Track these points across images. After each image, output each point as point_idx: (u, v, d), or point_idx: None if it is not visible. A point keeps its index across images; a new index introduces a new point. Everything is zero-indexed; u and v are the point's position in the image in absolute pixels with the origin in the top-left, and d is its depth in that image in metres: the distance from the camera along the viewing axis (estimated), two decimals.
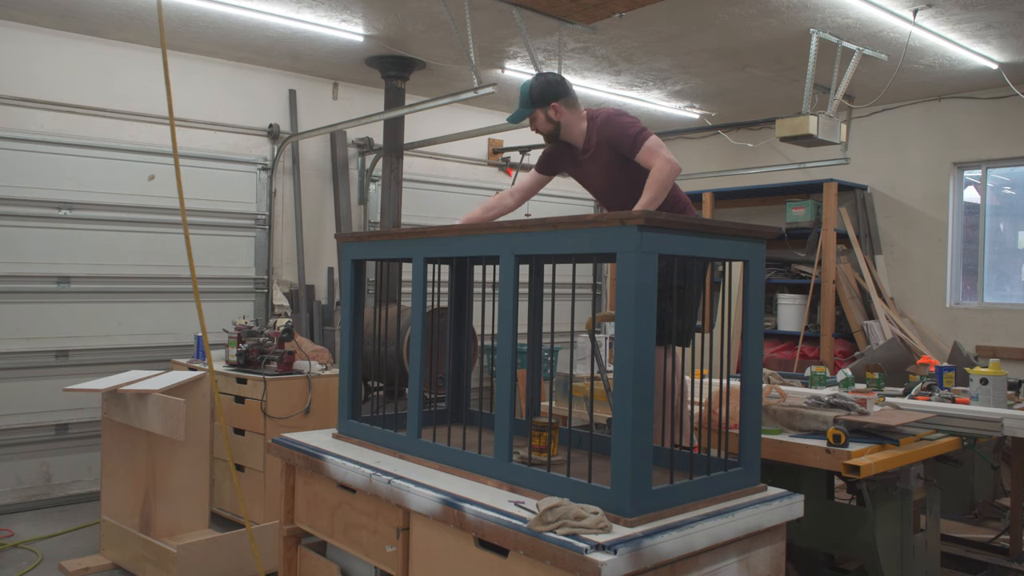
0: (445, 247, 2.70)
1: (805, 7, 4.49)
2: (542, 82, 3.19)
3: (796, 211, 6.73)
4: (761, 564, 2.34)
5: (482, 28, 4.84)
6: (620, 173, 3.19)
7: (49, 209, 5.11)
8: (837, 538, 3.20)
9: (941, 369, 3.93)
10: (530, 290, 3.04)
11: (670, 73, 5.90)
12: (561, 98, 3.19)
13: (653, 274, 2.08)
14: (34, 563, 4.07)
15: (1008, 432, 3.36)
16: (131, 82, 5.39)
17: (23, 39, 5.03)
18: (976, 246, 6.39)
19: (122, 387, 3.90)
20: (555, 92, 3.18)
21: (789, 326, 6.82)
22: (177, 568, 3.59)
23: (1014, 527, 4.13)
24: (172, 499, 3.98)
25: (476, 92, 4.47)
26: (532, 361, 3.10)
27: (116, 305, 5.35)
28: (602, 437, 2.68)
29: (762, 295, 2.44)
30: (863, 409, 3.17)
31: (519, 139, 7.03)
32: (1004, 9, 4.46)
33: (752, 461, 2.43)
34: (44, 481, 5.14)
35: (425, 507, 2.38)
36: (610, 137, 3.14)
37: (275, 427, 4.29)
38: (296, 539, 3.08)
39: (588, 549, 1.91)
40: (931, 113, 6.50)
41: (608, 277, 8.11)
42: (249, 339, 4.72)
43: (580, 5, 4.34)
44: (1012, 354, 5.90)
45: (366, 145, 6.47)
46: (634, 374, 2.05)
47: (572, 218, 2.24)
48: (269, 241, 6.00)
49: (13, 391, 5.00)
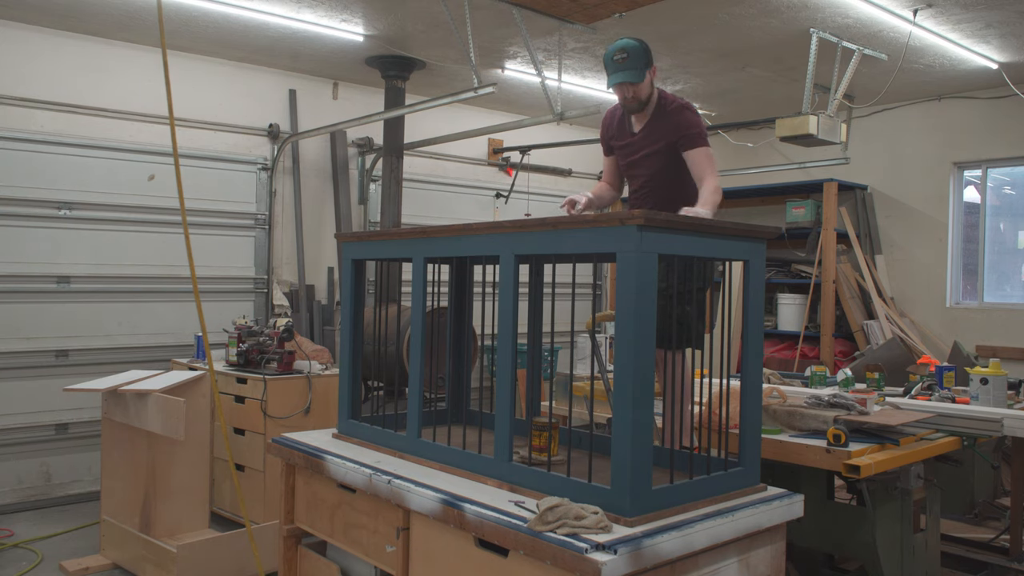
0: (445, 247, 2.70)
1: (805, 7, 4.49)
2: (644, 44, 3.17)
3: (796, 211, 6.73)
4: (761, 564, 2.34)
5: (482, 28, 4.84)
6: (665, 164, 3.24)
7: (49, 209, 5.11)
8: (837, 538, 3.20)
9: (941, 369, 3.93)
10: (530, 290, 3.04)
11: (670, 73, 5.90)
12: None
13: (653, 274, 2.08)
14: (34, 563, 4.07)
15: (1008, 432, 3.36)
16: (131, 82, 5.39)
17: (23, 39, 5.03)
18: (976, 246, 6.39)
19: (122, 387, 3.89)
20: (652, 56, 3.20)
21: (789, 326, 6.82)
22: (177, 568, 3.59)
23: (1014, 527, 4.12)
24: (172, 499, 3.98)
25: (476, 92, 4.47)
26: (532, 361, 3.10)
27: (116, 305, 5.36)
28: (602, 437, 2.68)
29: (762, 295, 2.44)
30: (863, 409, 3.17)
31: (519, 139, 7.03)
32: (1004, 9, 4.46)
33: (752, 461, 2.43)
34: (44, 481, 5.14)
35: (425, 507, 2.38)
36: (678, 122, 3.18)
37: (275, 427, 4.29)
38: (296, 539, 3.08)
39: (588, 549, 1.91)
40: (931, 113, 6.50)
41: (608, 277, 8.11)
42: (249, 339, 4.72)
43: (580, 5, 4.34)
44: (1012, 354, 5.90)
45: (366, 145, 6.47)
46: (634, 374, 2.05)
47: (572, 218, 2.24)
48: (269, 241, 6.01)
49: (13, 391, 5.00)
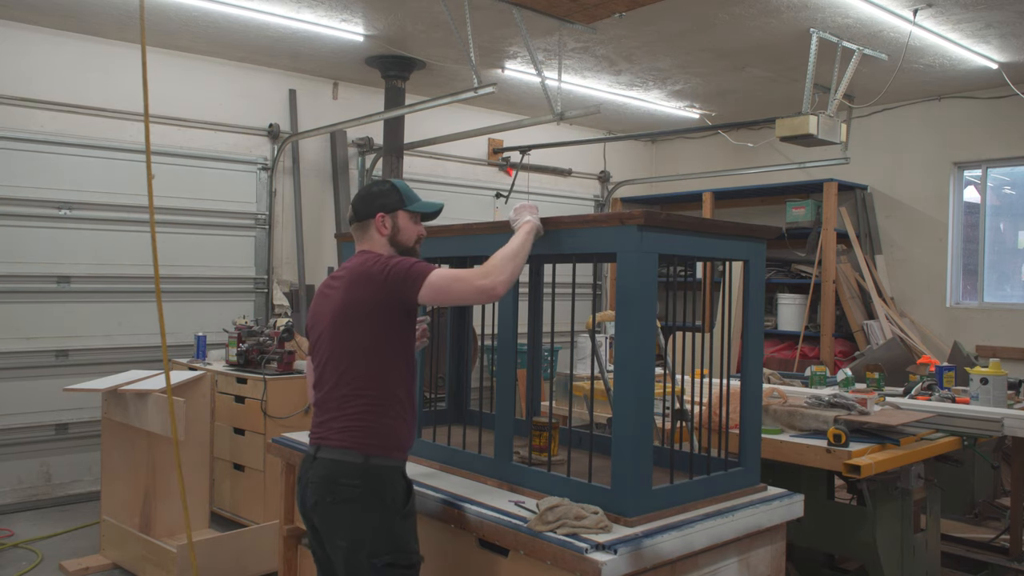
0: (445, 247, 2.70)
1: (805, 7, 4.49)
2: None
3: (796, 211, 6.73)
4: (761, 564, 2.34)
5: (482, 28, 4.84)
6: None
7: (49, 209, 5.11)
8: (837, 538, 3.20)
9: (941, 369, 3.93)
10: (530, 290, 3.03)
11: (670, 73, 5.90)
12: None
13: (653, 274, 2.07)
14: (34, 563, 4.07)
15: (1008, 432, 3.36)
16: (131, 82, 5.38)
17: (23, 39, 5.03)
18: (976, 246, 6.39)
19: (122, 387, 3.89)
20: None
21: (789, 326, 6.82)
22: (177, 568, 3.59)
23: (1014, 527, 4.12)
24: (172, 499, 3.97)
25: (476, 92, 4.47)
26: (532, 361, 3.10)
27: (116, 305, 5.35)
28: (602, 437, 2.68)
29: (762, 295, 2.44)
30: (863, 409, 3.17)
31: (519, 139, 7.03)
32: (1004, 9, 4.45)
33: (752, 461, 2.42)
34: (44, 481, 5.14)
35: (425, 507, 2.38)
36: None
37: (275, 427, 4.29)
38: (296, 539, 3.08)
39: (588, 549, 1.91)
40: (931, 113, 6.49)
41: (608, 277, 8.11)
42: (249, 339, 4.72)
43: (580, 5, 4.34)
44: (1012, 354, 5.90)
45: (366, 145, 6.47)
46: (634, 374, 2.04)
47: (572, 218, 2.24)
48: (269, 241, 6.00)
49: (13, 391, 5.00)
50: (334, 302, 2.25)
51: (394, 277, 2.17)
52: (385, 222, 2.33)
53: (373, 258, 2.24)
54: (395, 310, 2.19)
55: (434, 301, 2.20)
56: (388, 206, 2.34)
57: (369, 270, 2.20)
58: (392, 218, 2.34)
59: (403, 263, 2.19)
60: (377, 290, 2.17)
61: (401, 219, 2.35)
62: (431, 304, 2.30)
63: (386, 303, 2.18)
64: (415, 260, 2.24)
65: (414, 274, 2.16)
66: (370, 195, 2.37)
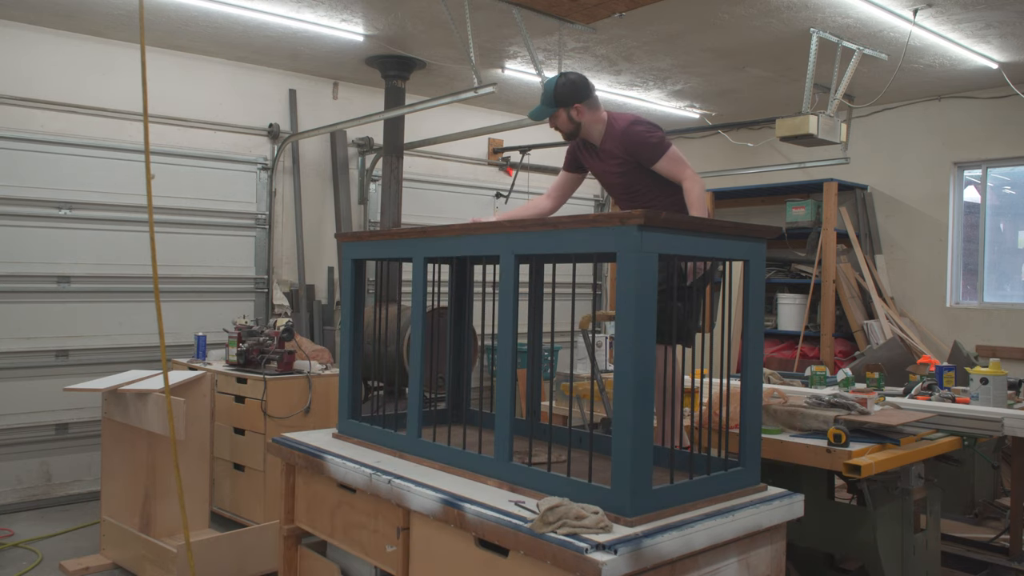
0: (445, 247, 2.70)
1: (805, 7, 4.49)
2: (567, 82, 3.19)
3: (796, 211, 6.73)
4: (761, 564, 2.33)
5: (482, 28, 4.84)
6: (636, 178, 3.23)
7: (49, 209, 5.11)
8: (837, 538, 3.20)
9: (941, 369, 3.93)
10: (530, 290, 3.03)
11: (670, 73, 5.90)
12: (584, 100, 3.19)
13: (653, 273, 2.07)
14: (34, 563, 4.07)
15: (1008, 432, 3.36)
16: (131, 82, 5.38)
17: (23, 39, 5.03)
18: (976, 246, 6.39)
19: (122, 387, 3.89)
20: (579, 94, 3.19)
21: (789, 326, 6.82)
22: (177, 568, 3.59)
23: (1014, 527, 4.12)
24: (172, 499, 3.97)
25: (476, 92, 4.47)
26: (532, 361, 3.10)
27: (116, 305, 5.35)
28: (602, 437, 2.68)
29: (762, 295, 2.44)
30: (864, 409, 3.17)
31: (519, 139, 7.03)
32: (1004, 9, 4.45)
33: (752, 461, 2.42)
34: (44, 481, 5.14)
35: (425, 507, 2.38)
36: (627, 143, 3.17)
37: (275, 427, 4.29)
38: (296, 539, 3.08)
39: (588, 549, 1.91)
40: (931, 113, 6.49)
41: (608, 277, 8.11)
42: (249, 339, 4.72)
43: (580, 5, 4.34)
44: (1012, 354, 5.90)
45: (366, 145, 6.47)
46: (635, 374, 2.04)
47: (572, 218, 2.24)
48: (269, 241, 6.00)
49: (13, 391, 5.00)
50: None
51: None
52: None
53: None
54: None
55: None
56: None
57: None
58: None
59: None
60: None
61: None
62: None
63: None
64: None
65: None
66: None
